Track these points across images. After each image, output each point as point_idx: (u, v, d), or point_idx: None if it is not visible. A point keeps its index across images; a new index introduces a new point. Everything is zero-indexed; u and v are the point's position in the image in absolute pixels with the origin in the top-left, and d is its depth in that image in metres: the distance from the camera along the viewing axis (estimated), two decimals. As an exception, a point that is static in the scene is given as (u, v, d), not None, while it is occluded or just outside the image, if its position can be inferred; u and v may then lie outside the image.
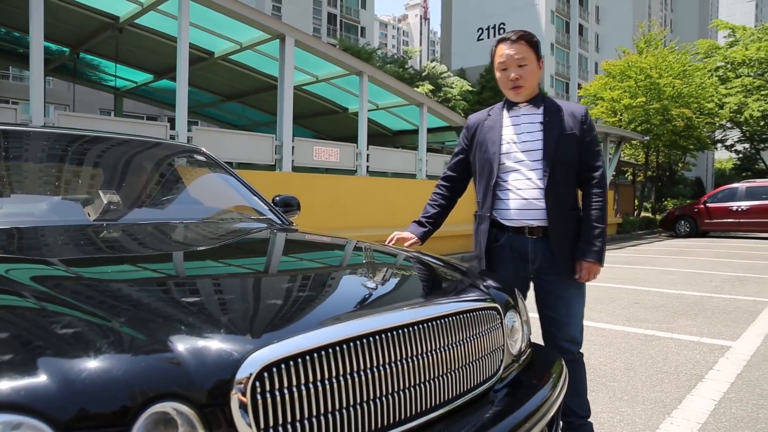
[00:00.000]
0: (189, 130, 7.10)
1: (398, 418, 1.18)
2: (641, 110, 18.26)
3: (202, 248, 2.01)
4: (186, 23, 7.09)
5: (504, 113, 2.24)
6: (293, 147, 8.22)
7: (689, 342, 4.14)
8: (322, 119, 13.96)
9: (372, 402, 1.13)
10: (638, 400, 2.95)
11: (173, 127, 7.01)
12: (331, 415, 1.07)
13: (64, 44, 10.98)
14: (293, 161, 8.23)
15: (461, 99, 29.82)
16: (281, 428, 1.01)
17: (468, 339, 1.41)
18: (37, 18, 5.93)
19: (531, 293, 2.28)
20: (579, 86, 32.88)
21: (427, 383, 1.26)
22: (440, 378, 1.29)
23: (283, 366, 1.03)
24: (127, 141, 2.74)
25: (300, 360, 1.05)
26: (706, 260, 9.74)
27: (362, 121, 9.54)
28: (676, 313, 5.16)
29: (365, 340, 1.15)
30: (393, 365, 1.19)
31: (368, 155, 9.49)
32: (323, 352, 1.08)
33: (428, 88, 27.16)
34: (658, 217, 18.62)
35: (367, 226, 8.48)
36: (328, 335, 1.11)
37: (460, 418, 1.31)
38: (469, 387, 1.38)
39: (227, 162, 5.60)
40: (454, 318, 1.39)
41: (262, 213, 2.65)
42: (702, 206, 15.43)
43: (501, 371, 1.53)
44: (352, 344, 1.13)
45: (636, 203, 20.72)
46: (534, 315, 2.31)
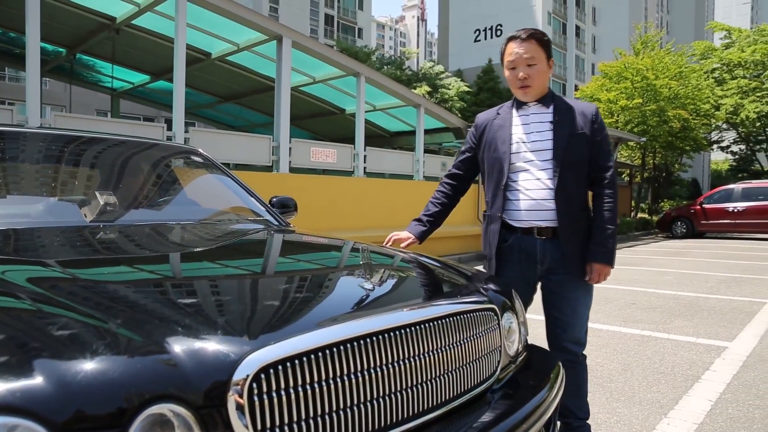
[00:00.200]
0: (186, 131, 7.09)
1: (395, 420, 1.18)
2: (638, 111, 18.32)
3: (199, 249, 2.01)
4: (183, 24, 7.08)
5: (513, 112, 2.20)
6: (290, 148, 8.21)
7: (686, 343, 4.15)
8: (319, 120, 13.95)
9: (369, 403, 1.13)
10: (635, 401, 2.96)
11: (170, 128, 6.99)
12: (328, 417, 1.07)
13: (61, 45, 10.95)
14: (290, 162, 8.22)
15: (458, 99, 29.88)
16: (278, 430, 1.00)
17: (465, 340, 1.41)
18: (34, 19, 5.91)
19: (537, 295, 2.26)
20: (576, 88, 32.96)
21: (425, 384, 1.26)
22: (437, 379, 1.29)
23: (280, 367, 1.03)
24: (124, 142, 2.74)
25: (297, 361, 1.05)
26: (703, 261, 9.76)
27: (359, 123, 9.54)
28: (673, 314, 5.17)
29: (362, 342, 1.15)
30: (390, 366, 1.19)
31: (365, 156, 9.49)
32: (320, 354, 1.08)
33: (426, 90, 27.20)
34: (655, 218, 18.67)
35: (365, 228, 8.47)
36: (325, 336, 1.11)
37: (458, 419, 1.31)
38: (467, 388, 1.39)
39: (224, 163, 5.60)
40: (452, 319, 1.39)
41: (259, 214, 2.65)
42: (698, 207, 15.48)
43: (498, 372, 1.53)
44: (349, 345, 1.13)
45: (633, 204, 20.78)
46: (539, 317, 2.32)
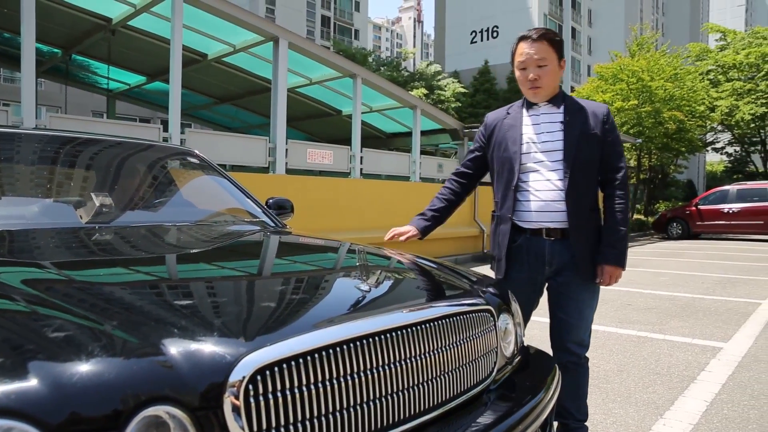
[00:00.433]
0: (182, 133, 7.08)
1: (392, 421, 1.18)
2: (633, 113, 18.37)
3: (195, 251, 2.00)
4: (179, 25, 7.07)
5: (524, 112, 2.18)
6: (287, 149, 8.20)
7: (681, 343, 4.17)
8: (316, 121, 13.94)
9: (366, 404, 1.13)
10: (631, 402, 2.96)
11: (166, 130, 6.97)
12: (325, 418, 1.06)
13: (56, 46, 10.91)
14: (287, 164, 8.21)
15: (454, 100, 29.92)
16: (274, 431, 1.00)
17: (461, 341, 1.41)
18: (29, 19, 5.89)
19: (543, 298, 2.26)
20: (572, 89, 33.05)
21: (421, 385, 1.26)
22: (434, 380, 1.29)
23: (276, 369, 1.03)
24: (120, 143, 2.73)
25: (293, 363, 1.05)
26: (698, 262, 9.80)
27: (356, 124, 9.54)
28: (669, 315, 5.18)
29: (359, 343, 1.15)
30: (387, 368, 1.19)
31: (362, 158, 9.49)
32: (316, 355, 1.08)
33: (422, 92, 27.24)
34: (651, 220, 18.72)
35: (361, 229, 8.47)
36: (322, 338, 1.11)
37: (454, 421, 1.31)
38: (463, 389, 1.39)
39: (220, 164, 5.58)
40: (448, 320, 1.39)
41: (256, 215, 2.65)
42: (694, 208, 15.53)
43: (494, 373, 1.54)
44: (346, 347, 1.13)
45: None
46: (544, 320, 2.31)
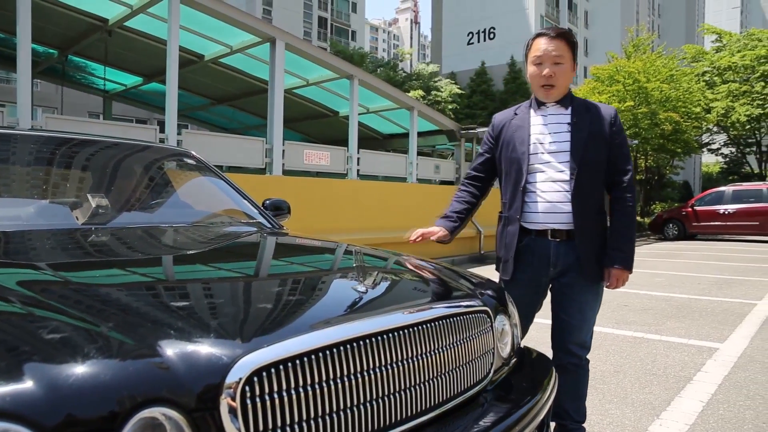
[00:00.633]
0: (179, 134, 7.07)
1: (389, 422, 1.18)
2: (629, 114, 18.43)
3: (192, 252, 2.00)
4: (176, 26, 7.06)
5: (531, 112, 2.17)
6: (283, 150, 8.20)
7: (677, 344, 4.18)
8: (313, 123, 13.94)
9: (363, 405, 1.13)
10: (627, 402, 2.97)
11: (163, 131, 6.97)
12: (321, 419, 1.06)
13: (52, 46, 10.89)
14: (284, 165, 8.21)
15: (451, 101, 29.96)
16: (271, 433, 1.00)
17: (458, 342, 1.41)
18: (25, 20, 5.87)
19: (545, 300, 2.26)
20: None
21: (418, 387, 1.26)
22: (431, 381, 1.29)
23: (273, 370, 1.02)
24: (117, 144, 2.72)
25: (290, 364, 1.04)
26: (694, 263, 9.83)
27: (353, 125, 9.55)
28: (665, 316, 5.20)
29: (356, 344, 1.15)
30: (384, 369, 1.19)
31: (359, 159, 9.50)
32: (313, 356, 1.08)
33: (419, 94, 27.28)
34: (647, 221, 18.77)
35: (358, 230, 8.47)
36: (319, 339, 1.11)
37: (452, 422, 1.31)
38: (460, 390, 1.39)
39: (217, 165, 5.57)
40: (445, 321, 1.39)
41: (252, 216, 2.64)
42: (690, 209, 15.59)
43: (491, 374, 1.54)
44: (343, 348, 1.13)
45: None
46: (542, 320, 2.32)
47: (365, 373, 1.15)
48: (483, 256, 10.31)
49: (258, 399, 0.99)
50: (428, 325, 1.33)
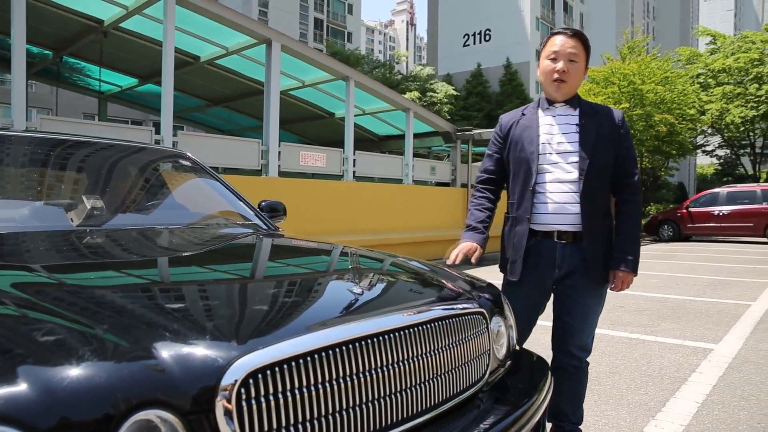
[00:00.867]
0: (174, 135, 7.04)
1: (385, 423, 1.18)
2: (625, 116, 18.50)
3: (188, 254, 1.99)
4: (171, 27, 7.05)
5: (540, 112, 2.17)
6: (279, 152, 8.18)
7: (673, 345, 4.19)
8: (309, 124, 13.93)
9: (359, 407, 1.13)
10: (623, 403, 2.98)
11: (158, 132, 6.95)
12: (317, 421, 1.06)
13: (47, 47, 10.83)
14: (279, 166, 8.20)
15: (447, 103, 30.00)
16: (267, 435, 1.00)
17: (454, 344, 1.41)
18: (19, 20, 5.85)
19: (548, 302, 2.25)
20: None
21: (414, 388, 1.26)
22: (427, 383, 1.29)
23: (269, 372, 1.02)
24: (112, 146, 2.72)
25: (286, 366, 1.04)
26: (689, 264, 9.87)
27: (348, 126, 9.54)
28: (660, 317, 5.21)
29: (352, 346, 1.15)
30: (380, 370, 1.19)
31: (354, 160, 9.49)
32: (309, 358, 1.08)
33: (415, 95, 27.30)
34: (642, 222, 18.83)
35: (354, 232, 8.47)
36: (314, 341, 1.11)
37: (448, 423, 1.31)
38: (456, 391, 1.39)
39: (213, 167, 5.56)
40: (441, 323, 1.39)
41: (248, 218, 2.64)
42: (685, 211, 15.66)
43: (487, 376, 1.54)
44: (339, 350, 1.13)
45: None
46: (541, 322, 2.31)
47: (361, 375, 1.15)
48: (481, 258, 10.29)
49: (254, 401, 0.99)
50: (424, 327, 1.33)
